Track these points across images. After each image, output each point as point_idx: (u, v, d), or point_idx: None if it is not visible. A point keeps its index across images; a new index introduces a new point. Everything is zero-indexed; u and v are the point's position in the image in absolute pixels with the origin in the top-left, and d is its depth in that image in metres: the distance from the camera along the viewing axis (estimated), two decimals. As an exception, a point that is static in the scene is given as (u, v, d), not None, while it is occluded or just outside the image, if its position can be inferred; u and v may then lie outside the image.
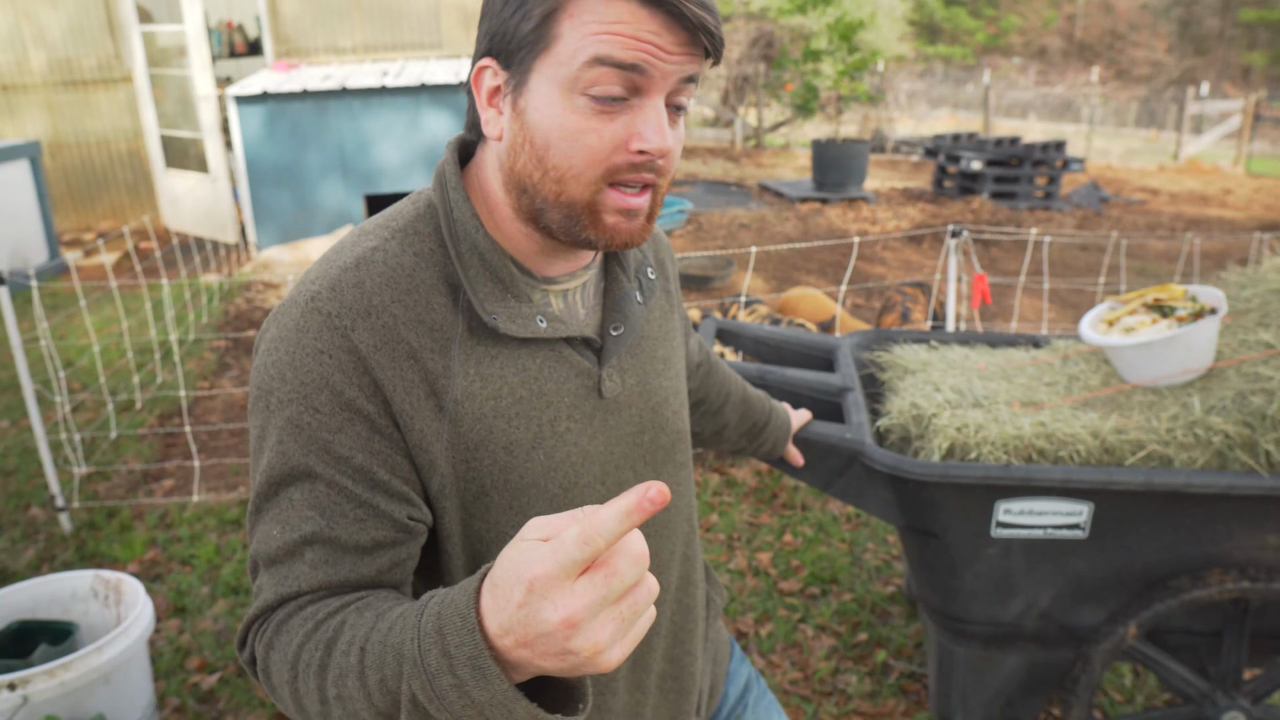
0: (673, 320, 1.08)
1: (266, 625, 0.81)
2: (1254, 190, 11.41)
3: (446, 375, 0.84)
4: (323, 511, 0.81)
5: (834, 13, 10.38)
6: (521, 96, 0.82)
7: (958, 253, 3.40)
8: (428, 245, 0.87)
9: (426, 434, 0.84)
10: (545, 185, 0.83)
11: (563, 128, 0.81)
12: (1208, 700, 1.89)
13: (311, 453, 0.81)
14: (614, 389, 0.95)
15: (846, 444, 1.83)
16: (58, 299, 6.18)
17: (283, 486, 0.82)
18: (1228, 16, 27.98)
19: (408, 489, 0.84)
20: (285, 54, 7.97)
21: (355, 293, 0.82)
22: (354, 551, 0.82)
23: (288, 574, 0.81)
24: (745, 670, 1.29)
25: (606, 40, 0.78)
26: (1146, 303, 2.00)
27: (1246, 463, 1.72)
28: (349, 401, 0.81)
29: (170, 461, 3.78)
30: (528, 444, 0.88)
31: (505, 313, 0.86)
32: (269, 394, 0.82)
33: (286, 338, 0.82)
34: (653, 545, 1.01)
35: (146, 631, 2.09)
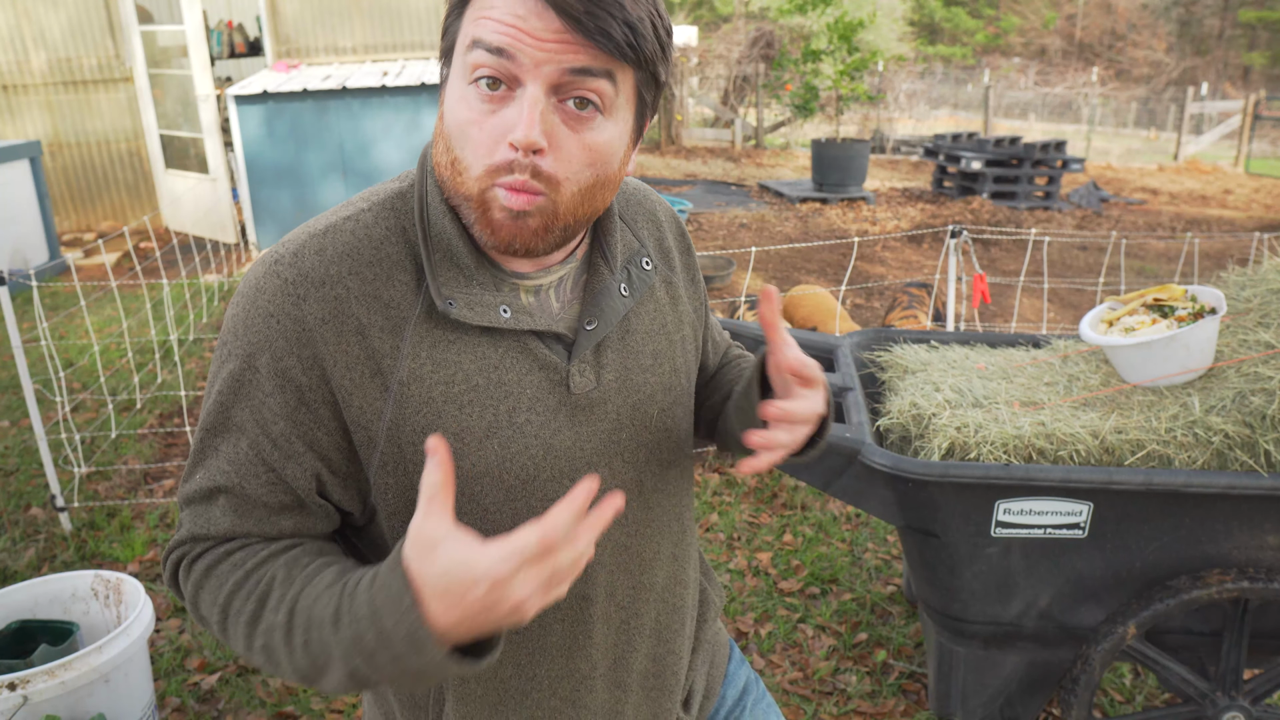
0: (675, 312, 1.03)
1: (193, 564, 0.86)
2: (1254, 190, 11.41)
3: (394, 355, 0.84)
4: (238, 467, 0.84)
5: (834, 13, 10.37)
6: (444, 89, 0.84)
7: (957, 253, 3.40)
8: (402, 222, 0.87)
9: (367, 411, 0.84)
10: (453, 178, 0.84)
11: (458, 119, 0.81)
12: (1207, 700, 1.89)
13: (244, 410, 0.84)
14: (585, 385, 0.92)
15: (846, 444, 1.83)
16: (58, 299, 6.18)
17: (214, 434, 0.86)
18: (1228, 16, 27.98)
19: (320, 465, 0.86)
20: (285, 54, 7.97)
21: (315, 260, 0.83)
22: (261, 508, 0.85)
23: (202, 514, 0.86)
24: (744, 673, 1.26)
25: (481, 24, 0.78)
26: (1146, 303, 2.00)
27: (1246, 463, 1.72)
28: (285, 370, 0.83)
29: (170, 461, 3.78)
30: (481, 432, 0.87)
31: (464, 299, 0.85)
32: (224, 344, 0.85)
33: (247, 294, 0.84)
34: (636, 544, 0.99)
35: (146, 631, 2.09)
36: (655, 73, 0.84)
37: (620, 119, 0.84)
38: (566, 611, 0.95)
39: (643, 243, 1.02)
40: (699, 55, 14.71)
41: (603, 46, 0.78)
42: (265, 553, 0.84)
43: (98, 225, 8.52)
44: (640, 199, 1.06)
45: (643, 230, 1.03)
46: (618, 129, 0.84)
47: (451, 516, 0.72)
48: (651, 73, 0.84)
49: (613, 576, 0.98)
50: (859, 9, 11.63)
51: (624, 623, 1.01)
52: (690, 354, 1.06)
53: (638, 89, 0.85)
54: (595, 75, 0.79)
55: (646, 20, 0.80)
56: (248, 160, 7.12)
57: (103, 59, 8.27)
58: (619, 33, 0.78)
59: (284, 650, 0.78)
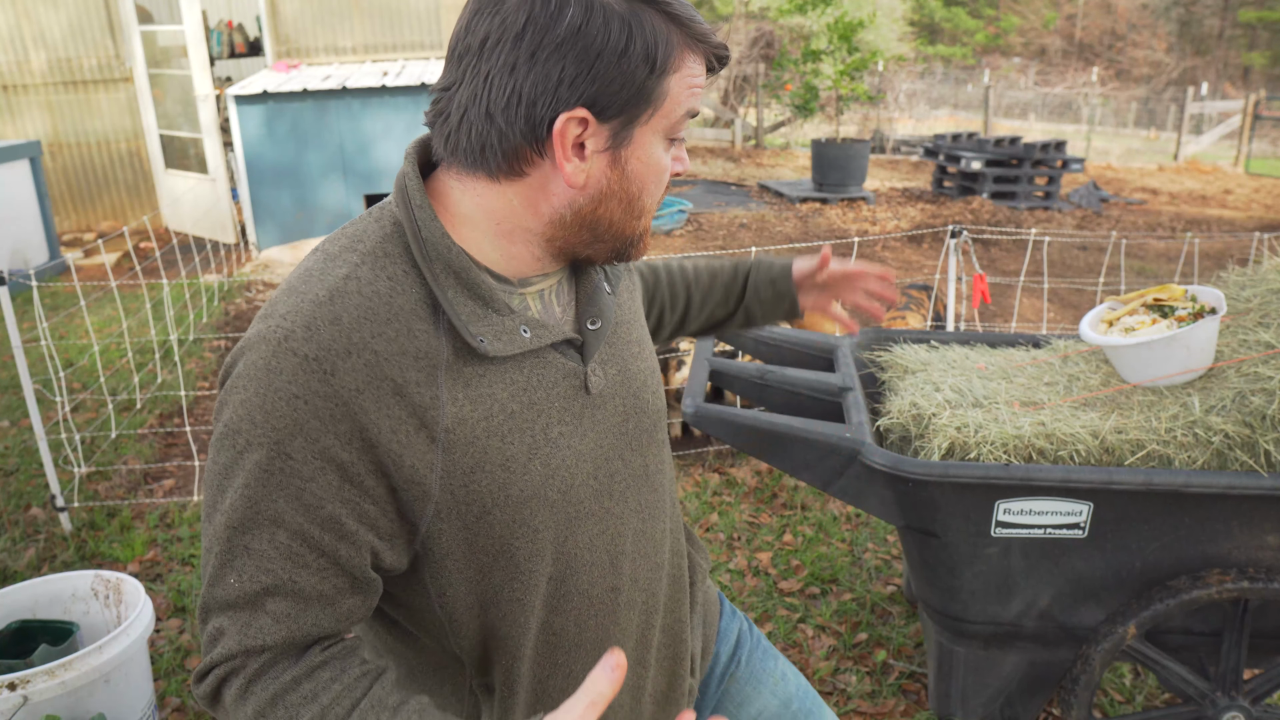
0: (635, 297, 1.08)
1: (250, 685, 0.81)
2: (1254, 190, 11.41)
3: (435, 405, 0.83)
4: (286, 560, 0.80)
5: (834, 13, 10.37)
6: (625, 149, 0.85)
7: (957, 253, 3.40)
8: (400, 267, 0.84)
9: (419, 467, 0.83)
10: (626, 224, 0.89)
11: (656, 171, 0.88)
12: (1207, 700, 1.89)
13: (280, 499, 0.79)
14: (599, 383, 0.95)
15: (846, 444, 1.83)
16: (58, 299, 6.19)
17: (244, 532, 0.80)
18: (1228, 16, 27.97)
19: (373, 539, 0.83)
20: (285, 54, 7.97)
21: (332, 330, 0.79)
22: (317, 602, 0.82)
23: (250, 624, 0.81)
24: (736, 625, 1.29)
25: (694, 92, 0.86)
26: (1146, 303, 2.00)
27: (1246, 463, 1.72)
28: (324, 449, 0.79)
29: (170, 461, 3.78)
30: (524, 457, 0.88)
31: (490, 332, 0.85)
32: (236, 434, 0.80)
33: (257, 377, 0.79)
34: (649, 527, 1.03)
35: (146, 631, 2.09)
36: None
37: None
38: (600, 605, 0.98)
39: None
40: (699, 55, 14.68)
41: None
42: (339, 687, 0.81)
43: (98, 225, 8.52)
44: None
45: None
46: None
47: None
48: None
49: (634, 564, 1.01)
50: (859, 9, 11.63)
51: (644, 604, 1.04)
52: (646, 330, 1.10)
53: None
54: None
55: None
56: (248, 160, 7.12)
57: (103, 59, 8.27)
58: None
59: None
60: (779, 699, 1.24)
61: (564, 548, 0.93)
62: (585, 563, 0.95)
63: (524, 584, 0.92)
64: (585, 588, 0.96)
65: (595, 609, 0.98)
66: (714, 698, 1.23)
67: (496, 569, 0.90)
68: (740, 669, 1.25)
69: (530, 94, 0.80)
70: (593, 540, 0.96)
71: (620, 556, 0.99)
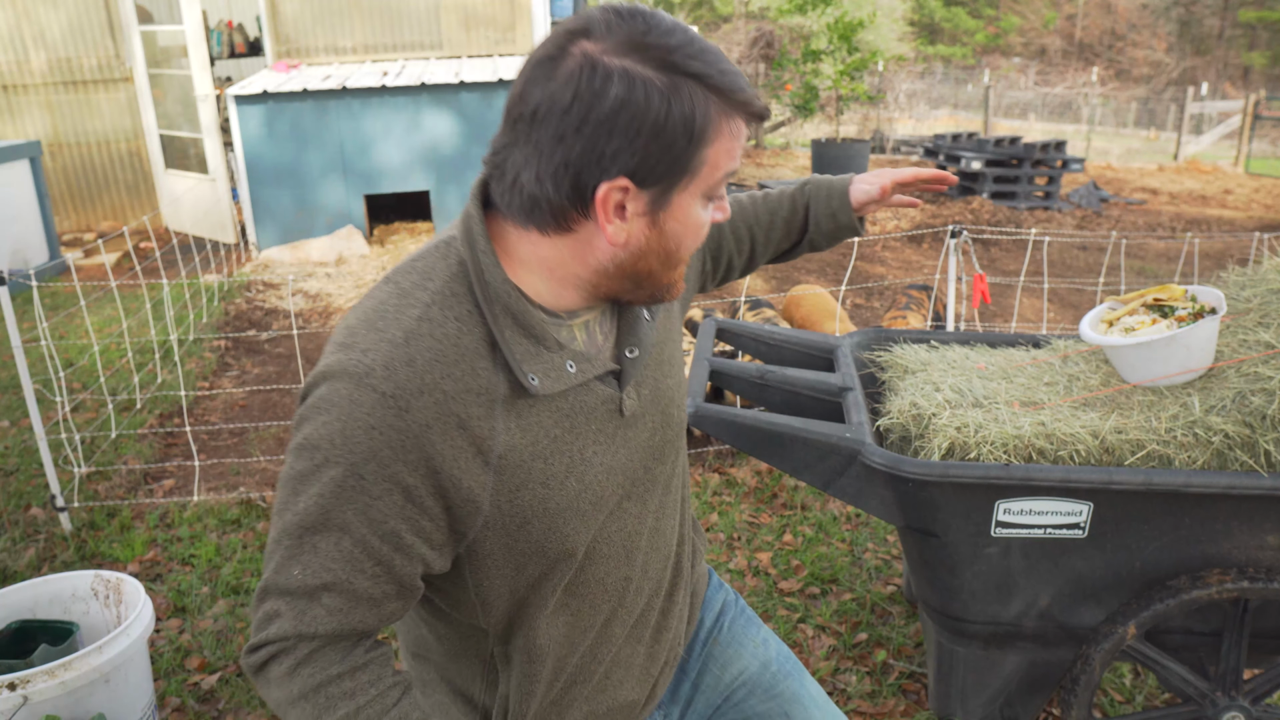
0: (672, 313, 1.16)
1: (298, 667, 0.93)
2: (1254, 190, 11.41)
3: (492, 435, 0.94)
4: (347, 564, 0.91)
5: (834, 13, 10.37)
6: (663, 212, 0.93)
7: (957, 253, 3.40)
8: (465, 307, 0.94)
9: (474, 488, 0.94)
10: (664, 274, 0.98)
11: (695, 229, 0.96)
12: (1207, 700, 1.89)
13: (349, 512, 0.90)
14: (632, 406, 1.05)
15: (846, 444, 1.83)
16: (58, 299, 6.18)
17: (313, 533, 0.91)
18: (1228, 16, 27.97)
19: (426, 550, 0.95)
20: (285, 54, 7.97)
21: (408, 371, 0.90)
22: (366, 602, 0.93)
23: (305, 612, 0.92)
24: (721, 595, 1.39)
25: (733, 155, 0.93)
26: (1146, 303, 2.00)
27: (1246, 463, 1.72)
28: (393, 475, 0.90)
29: (170, 461, 3.78)
30: (562, 474, 0.99)
31: (540, 370, 0.95)
32: (316, 449, 0.90)
33: (339, 404, 0.89)
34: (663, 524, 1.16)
35: (146, 631, 2.09)
36: None
37: None
38: (613, 591, 1.11)
39: None
40: (699, 55, 14.69)
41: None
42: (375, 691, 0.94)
43: (98, 225, 8.52)
44: None
45: None
46: None
47: None
48: None
49: (647, 556, 1.14)
50: (859, 9, 11.63)
51: (650, 590, 1.17)
52: (679, 338, 1.20)
53: None
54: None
55: None
56: (248, 160, 7.12)
57: (103, 59, 8.27)
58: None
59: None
60: (759, 661, 1.34)
61: (590, 549, 1.06)
62: (604, 555, 1.08)
63: (552, 574, 1.04)
64: (602, 576, 1.09)
65: (609, 594, 1.10)
66: (698, 660, 1.34)
67: (530, 566, 1.02)
68: (723, 634, 1.36)
69: (576, 164, 0.87)
70: (612, 536, 1.08)
71: (635, 550, 1.11)
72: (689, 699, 1.33)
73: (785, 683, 1.34)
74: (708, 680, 1.34)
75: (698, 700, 1.33)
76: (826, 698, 1.38)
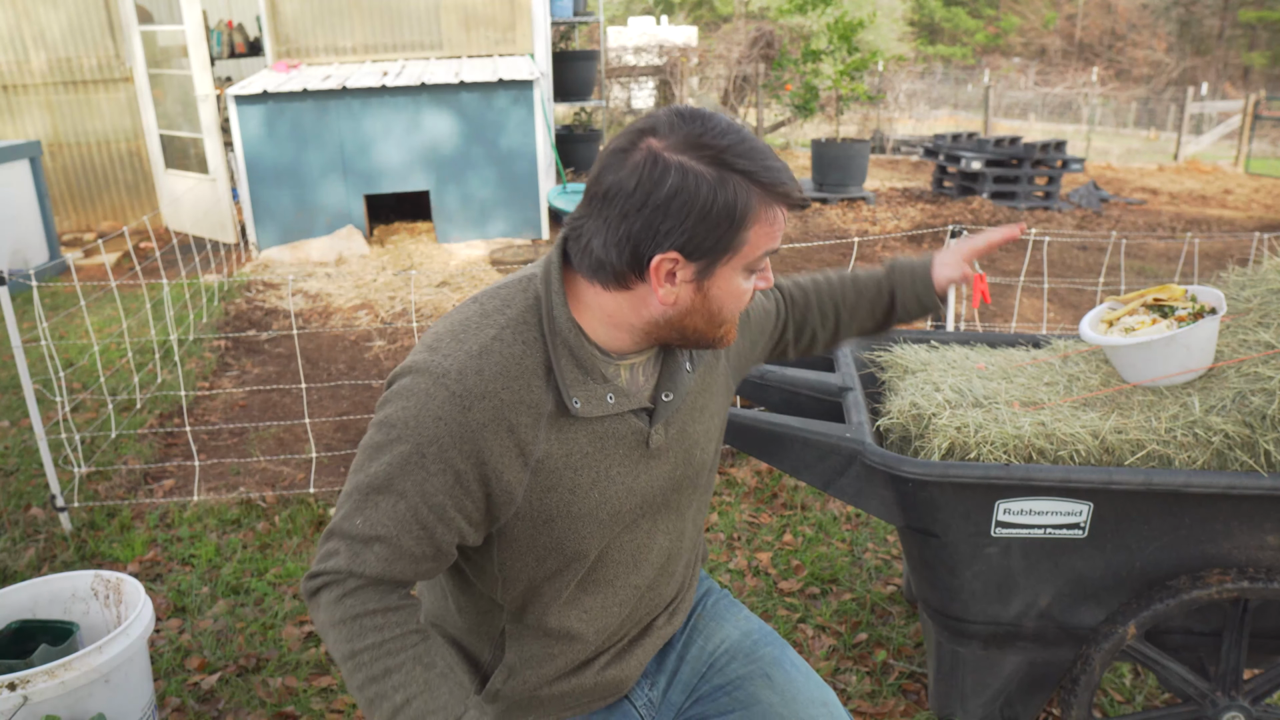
0: (716, 370, 1.35)
1: (343, 599, 1.11)
2: (1254, 190, 11.41)
3: (534, 442, 1.13)
4: (398, 523, 1.10)
5: (834, 13, 10.36)
6: (708, 281, 1.12)
7: (958, 253, 3.39)
8: (532, 334, 1.14)
9: (512, 482, 1.13)
10: (708, 331, 1.17)
11: (736, 296, 1.14)
12: (1207, 700, 1.89)
13: (408, 482, 1.10)
14: (658, 441, 1.23)
15: (846, 444, 1.83)
16: (58, 299, 6.18)
17: (377, 493, 1.10)
18: (1228, 16, 27.97)
19: (464, 525, 1.14)
20: (285, 54, 7.97)
21: (476, 379, 1.10)
22: (408, 557, 1.12)
23: (359, 555, 1.11)
24: (707, 583, 1.58)
25: (773, 238, 1.12)
26: (1146, 303, 2.00)
27: (1246, 463, 1.72)
28: (449, 459, 1.09)
29: (170, 461, 3.78)
30: (587, 485, 1.18)
31: (584, 396, 1.15)
32: (393, 428, 1.10)
33: (418, 395, 1.10)
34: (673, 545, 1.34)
35: (146, 631, 2.09)
36: None
37: None
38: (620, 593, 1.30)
39: None
40: (699, 55, 14.70)
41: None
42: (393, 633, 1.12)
43: (98, 225, 8.52)
44: None
45: None
46: None
47: None
48: None
49: (656, 571, 1.33)
50: (859, 9, 11.63)
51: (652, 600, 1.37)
52: (724, 394, 1.38)
53: None
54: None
55: None
56: (248, 160, 7.12)
57: (103, 59, 8.27)
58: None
59: (384, 709, 1.10)
60: (740, 631, 1.48)
61: (604, 554, 1.25)
62: (616, 562, 1.27)
63: (567, 570, 1.23)
64: (611, 579, 1.28)
65: (617, 596, 1.30)
66: (683, 634, 1.48)
67: (550, 558, 1.21)
68: (707, 610, 1.51)
69: (636, 238, 1.08)
70: (624, 546, 1.27)
71: (644, 564, 1.30)
72: (675, 670, 1.46)
73: (766, 649, 1.45)
74: (692, 652, 1.47)
75: (683, 670, 1.46)
76: (808, 666, 1.45)
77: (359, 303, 6.07)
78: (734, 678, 1.42)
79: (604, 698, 1.40)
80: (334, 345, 5.30)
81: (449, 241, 7.50)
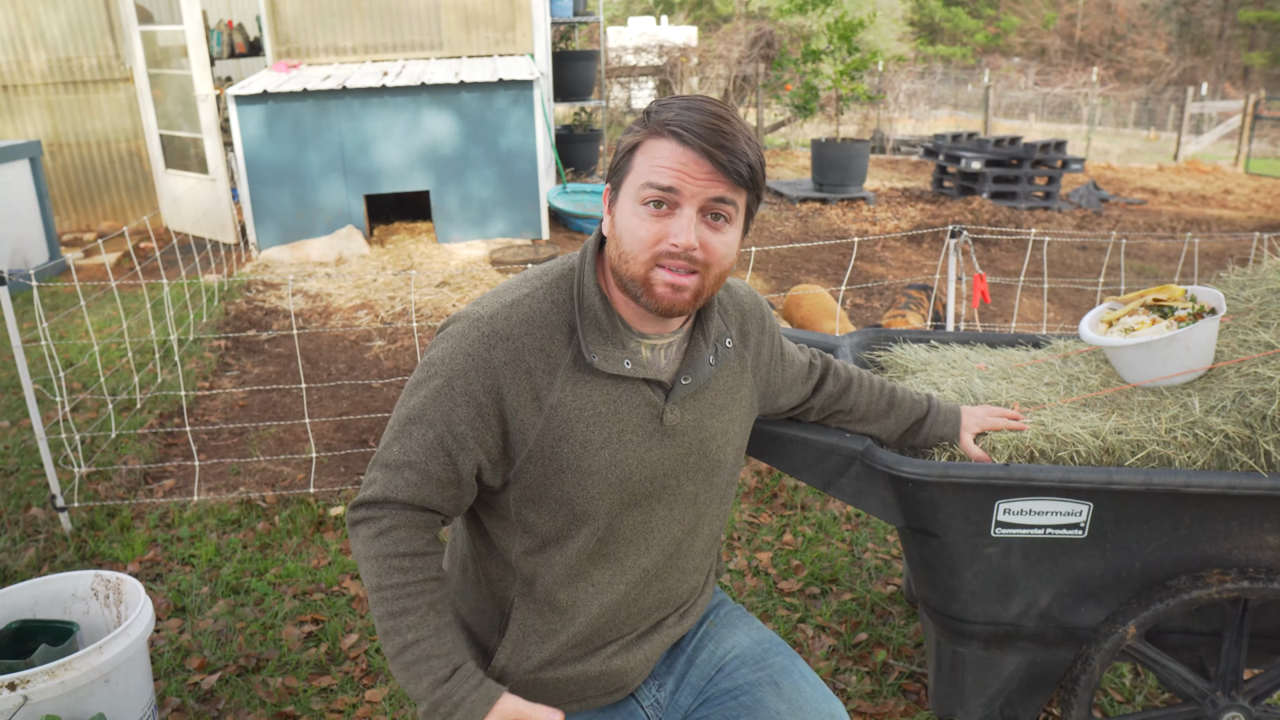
0: (742, 378, 1.44)
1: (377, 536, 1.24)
2: (1254, 190, 11.41)
3: (549, 387, 1.26)
4: (427, 450, 1.25)
5: (834, 13, 10.36)
6: (615, 205, 1.27)
7: (957, 253, 3.40)
8: (562, 297, 1.30)
9: (525, 423, 1.26)
10: (622, 264, 1.25)
11: (630, 225, 1.23)
12: (1207, 700, 1.89)
13: (438, 413, 1.25)
14: (673, 420, 1.32)
15: (846, 444, 1.83)
16: (58, 299, 6.18)
17: (412, 424, 1.26)
18: (1228, 16, 27.96)
19: (484, 456, 1.27)
20: (285, 54, 7.97)
21: (505, 324, 1.26)
22: (434, 482, 1.25)
23: (392, 481, 1.25)
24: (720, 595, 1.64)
25: (656, 170, 1.21)
26: (1146, 303, 2.00)
27: (1246, 463, 1.72)
28: (473, 394, 1.24)
29: (170, 461, 3.78)
30: (598, 443, 1.28)
31: (601, 354, 1.27)
32: (434, 365, 1.27)
33: (454, 336, 1.27)
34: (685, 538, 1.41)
35: (146, 631, 2.09)
36: (760, 194, 1.27)
37: (739, 225, 1.27)
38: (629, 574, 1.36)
39: (729, 327, 1.43)
40: (699, 55, 14.70)
41: (736, 182, 1.21)
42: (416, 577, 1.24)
43: (98, 225, 8.52)
44: (737, 295, 1.48)
45: (731, 318, 1.45)
46: (737, 232, 1.27)
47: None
48: (757, 194, 1.27)
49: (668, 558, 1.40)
50: (859, 9, 11.62)
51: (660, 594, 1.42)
52: (746, 407, 1.47)
53: (748, 205, 1.27)
54: (727, 201, 1.22)
55: (757, 161, 1.24)
56: (248, 160, 7.11)
57: (103, 59, 8.27)
58: (745, 171, 1.21)
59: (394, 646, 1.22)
60: (751, 639, 1.52)
61: (614, 522, 1.33)
62: (625, 539, 1.35)
63: (576, 533, 1.32)
64: (621, 556, 1.35)
65: (625, 576, 1.36)
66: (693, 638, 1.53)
67: (560, 512, 1.30)
68: (719, 618, 1.56)
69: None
70: (635, 524, 1.34)
71: (652, 546, 1.37)
72: (684, 673, 1.50)
73: (776, 658, 1.48)
74: (702, 656, 1.50)
75: (692, 673, 1.49)
76: (818, 677, 1.47)
77: (359, 303, 6.07)
78: (742, 683, 1.44)
79: (608, 692, 1.42)
80: (334, 345, 5.30)
81: (449, 241, 7.50)
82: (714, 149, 1.18)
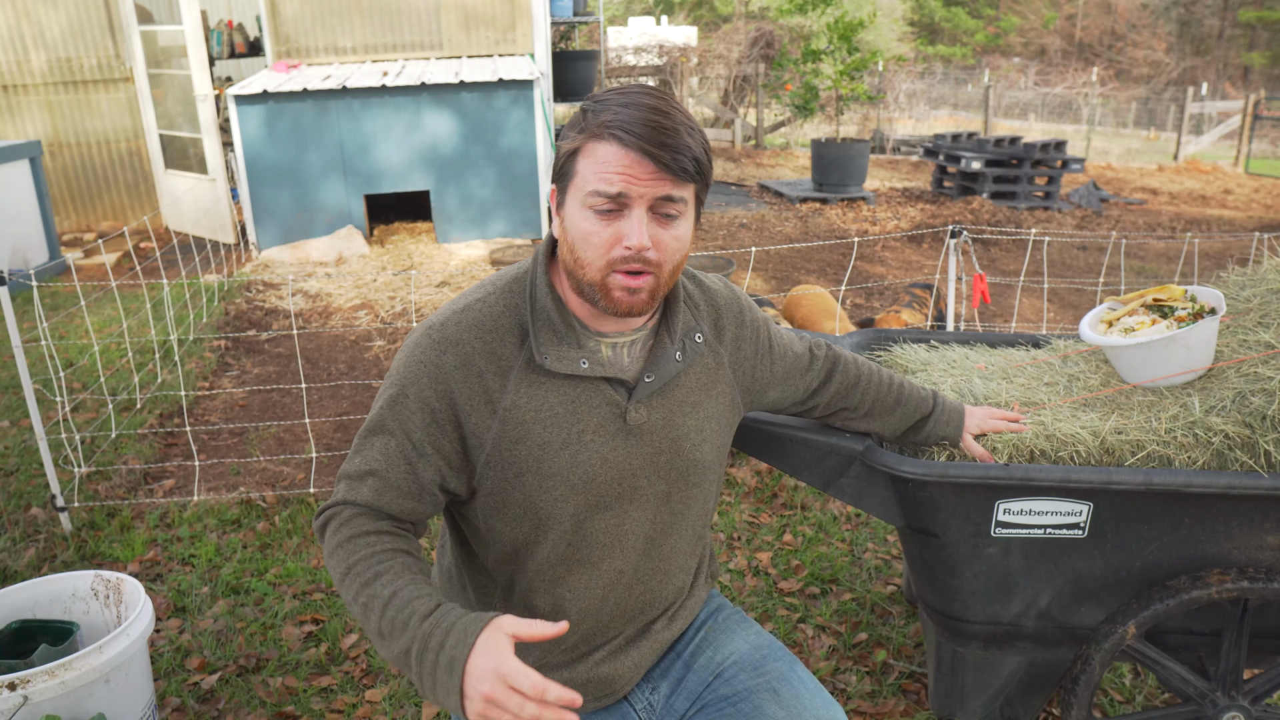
0: (717, 375, 1.40)
1: (340, 526, 1.22)
2: (1253, 190, 11.41)
3: (501, 390, 1.25)
4: (387, 459, 1.25)
5: (834, 13, 10.37)
6: (563, 209, 1.23)
7: (957, 253, 3.40)
8: (515, 301, 1.28)
9: (480, 427, 1.25)
10: (577, 269, 1.22)
11: (581, 232, 1.20)
12: (1207, 700, 1.89)
13: (395, 422, 1.25)
14: (638, 419, 1.29)
15: (846, 444, 1.83)
16: (58, 299, 6.18)
17: (372, 434, 1.27)
18: (1228, 16, 27.97)
19: (443, 463, 1.26)
20: (285, 54, 7.97)
21: (455, 330, 1.26)
22: (395, 490, 1.25)
23: (354, 489, 1.25)
24: (718, 599, 1.61)
25: (601, 176, 1.17)
26: (1146, 303, 2.00)
27: (1246, 463, 1.72)
28: (426, 400, 1.24)
29: (170, 461, 3.78)
30: (557, 444, 1.26)
31: (554, 355, 1.25)
32: (391, 375, 1.28)
33: (409, 346, 1.28)
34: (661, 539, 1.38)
35: (146, 631, 2.09)
36: (708, 182, 1.24)
37: (689, 217, 1.24)
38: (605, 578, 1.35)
39: (699, 322, 1.38)
40: (699, 55, 14.69)
41: (681, 178, 1.18)
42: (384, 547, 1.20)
43: (98, 225, 8.52)
44: (710, 290, 1.44)
45: (703, 313, 1.40)
46: (688, 224, 1.24)
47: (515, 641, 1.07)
48: (706, 183, 1.24)
49: (645, 560, 1.37)
50: (859, 9, 11.62)
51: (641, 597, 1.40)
52: (726, 404, 1.42)
53: (697, 195, 1.24)
54: (675, 199, 1.19)
55: (702, 151, 1.20)
56: (248, 160, 7.11)
57: (103, 59, 8.27)
58: (690, 166, 1.18)
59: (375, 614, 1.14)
60: (750, 644, 1.49)
61: (581, 525, 1.30)
62: (598, 543, 1.32)
63: (544, 538, 1.30)
64: (595, 560, 1.33)
65: (601, 579, 1.34)
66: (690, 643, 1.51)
67: (526, 518, 1.29)
68: (718, 623, 1.54)
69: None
70: (607, 526, 1.32)
71: (626, 548, 1.34)
72: (680, 677, 1.47)
73: (775, 664, 1.44)
74: (700, 660, 1.47)
75: (689, 679, 1.47)
76: (817, 682, 1.44)
77: (359, 303, 6.07)
78: (740, 689, 1.41)
79: (598, 697, 1.42)
80: (334, 345, 5.30)
81: (449, 241, 7.50)
82: (656, 149, 1.15)
